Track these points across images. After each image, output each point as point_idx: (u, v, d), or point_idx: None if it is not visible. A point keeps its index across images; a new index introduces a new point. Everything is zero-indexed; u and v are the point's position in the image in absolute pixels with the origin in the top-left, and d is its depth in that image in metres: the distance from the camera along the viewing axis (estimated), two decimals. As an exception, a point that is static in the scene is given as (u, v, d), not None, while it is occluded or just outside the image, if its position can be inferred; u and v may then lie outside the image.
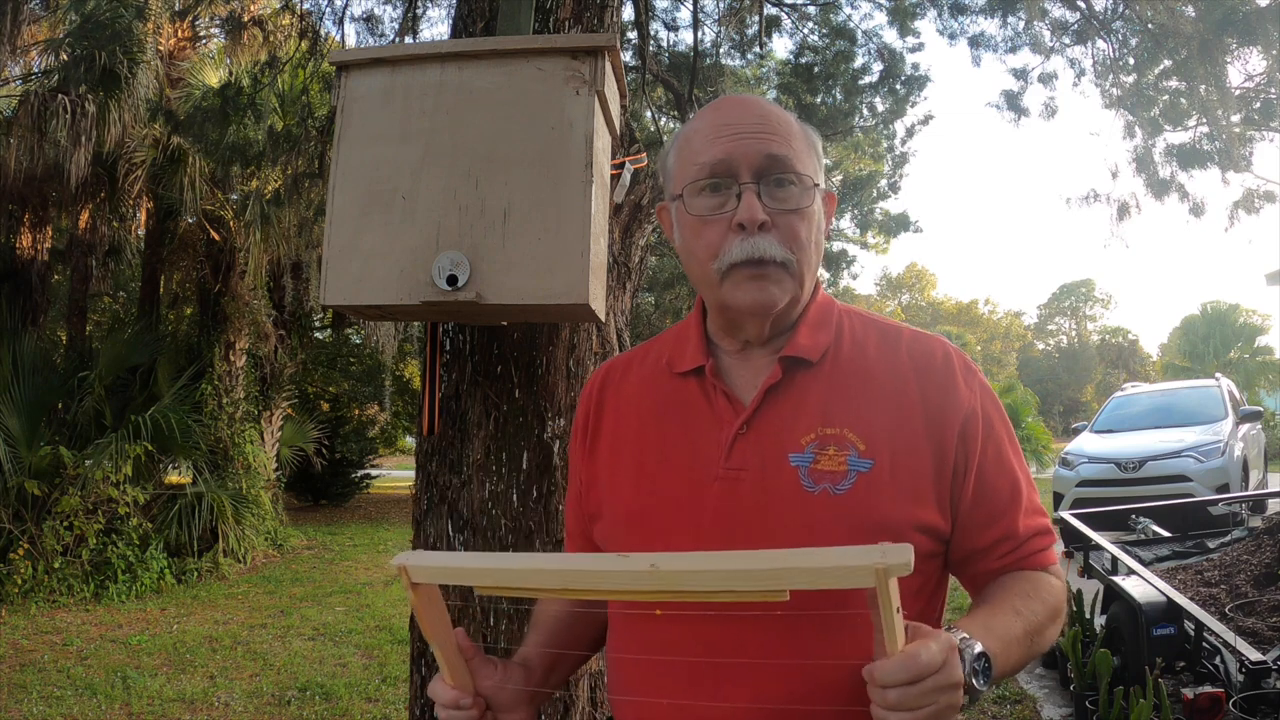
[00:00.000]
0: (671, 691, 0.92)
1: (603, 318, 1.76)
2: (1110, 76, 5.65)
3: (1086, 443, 9.59)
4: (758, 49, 7.88)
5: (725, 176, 0.98)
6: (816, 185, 1.02)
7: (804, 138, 1.03)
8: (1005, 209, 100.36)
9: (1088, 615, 4.18)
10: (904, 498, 0.92)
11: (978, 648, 0.83)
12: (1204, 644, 3.41)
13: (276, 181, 8.46)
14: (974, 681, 0.81)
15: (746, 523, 0.93)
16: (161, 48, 9.21)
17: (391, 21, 6.34)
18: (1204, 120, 5.35)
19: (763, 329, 1.02)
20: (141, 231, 10.43)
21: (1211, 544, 4.68)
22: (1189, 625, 3.44)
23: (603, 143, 1.73)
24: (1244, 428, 9.28)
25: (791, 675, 0.89)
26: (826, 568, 0.72)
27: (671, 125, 8.65)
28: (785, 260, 0.97)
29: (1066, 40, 5.82)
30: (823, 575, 0.72)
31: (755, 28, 7.21)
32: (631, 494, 1.01)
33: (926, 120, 11.05)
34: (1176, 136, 5.68)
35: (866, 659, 0.85)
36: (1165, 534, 5.02)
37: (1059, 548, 1.09)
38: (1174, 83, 5.40)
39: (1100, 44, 5.62)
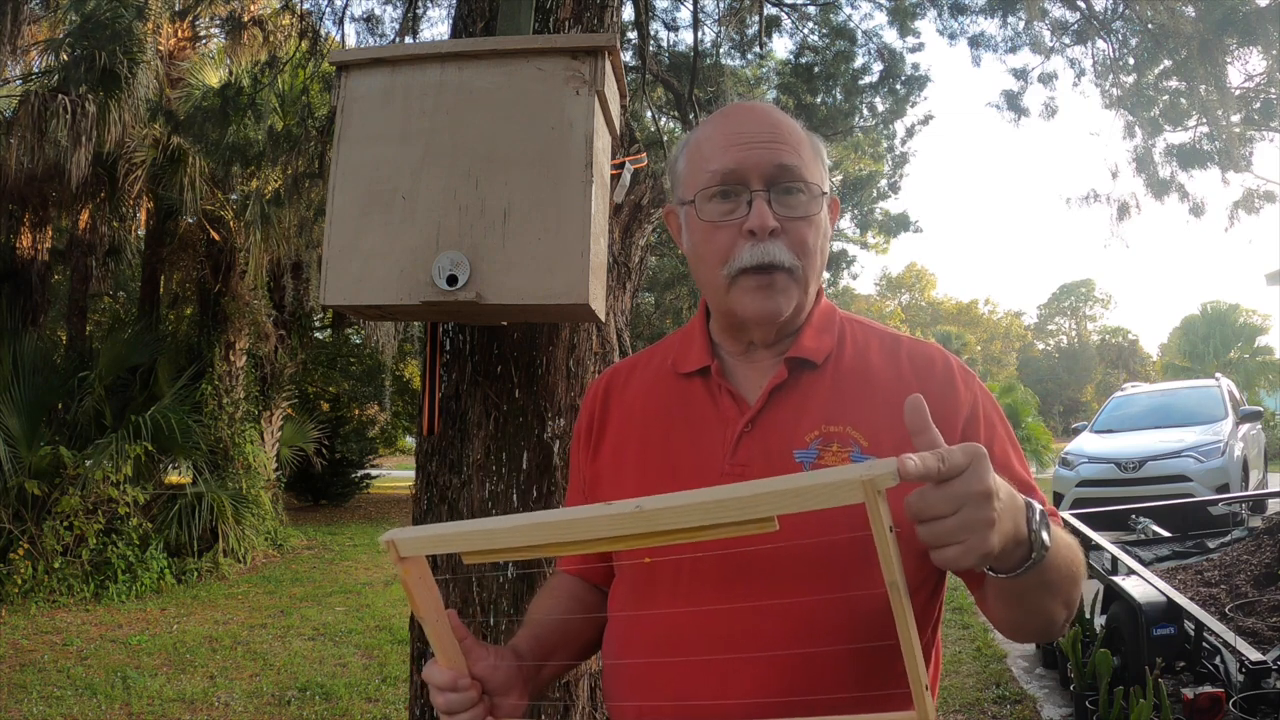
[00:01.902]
0: (676, 687, 0.93)
1: (603, 318, 1.76)
2: (1110, 76, 5.65)
3: (1086, 443, 9.59)
4: (758, 49, 7.89)
5: (737, 184, 1.01)
6: (824, 193, 1.04)
7: (811, 146, 1.06)
8: (1005, 209, 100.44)
9: (1088, 615, 4.18)
10: (906, 493, 0.93)
11: (1039, 505, 0.83)
12: (1204, 644, 3.41)
13: (276, 181, 8.45)
14: (1042, 535, 0.80)
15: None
16: (161, 48, 9.21)
17: (391, 21, 6.35)
18: (1204, 120, 5.35)
19: (769, 335, 1.05)
20: (141, 231, 10.42)
21: (1211, 544, 4.68)
22: (1189, 625, 3.44)
23: (603, 143, 1.73)
24: (1244, 428, 9.28)
25: (796, 667, 0.90)
26: (812, 486, 0.71)
27: (671, 125, 8.65)
28: (793, 266, 1.00)
29: (1066, 40, 5.83)
30: (808, 495, 0.71)
31: (755, 28, 7.22)
32: (635, 491, 1.02)
33: (926, 120, 11.07)
34: (1176, 136, 5.69)
35: (871, 652, 0.85)
36: (1165, 534, 5.02)
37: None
38: (1174, 83, 5.41)
39: (1100, 44, 5.63)
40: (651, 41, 6.59)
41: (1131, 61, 5.51)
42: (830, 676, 0.91)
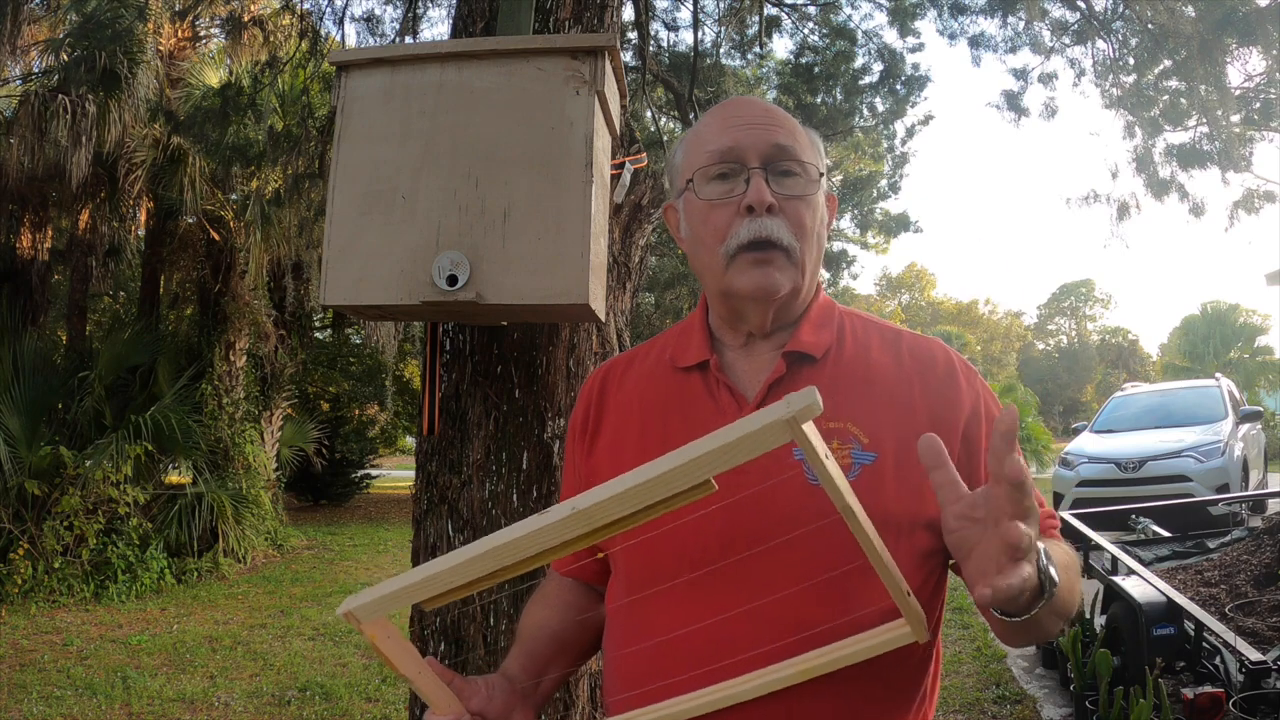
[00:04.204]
0: (675, 682, 0.92)
1: (603, 318, 1.76)
2: (1110, 76, 5.65)
3: (1086, 443, 9.58)
4: (758, 49, 7.89)
5: (734, 163, 1.01)
6: (821, 175, 1.04)
7: (807, 135, 1.06)
8: (1005, 209, 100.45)
9: (1088, 615, 4.18)
10: (907, 492, 0.93)
11: (1040, 544, 0.82)
12: (1204, 644, 3.41)
13: (276, 181, 8.45)
14: (1051, 572, 0.80)
15: (749, 515, 0.92)
16: (162, 48, 9.20)
17: (392, 21, 6.35)
18: (1204, 120, 5.35)
19: (765, 318, 1.03)
20: (141, 231, 10.41)
21: (1211, 544, 4.68)
22: (1189, 625, 3.44)
23: (603, 143, 1.73)
24: (1244, 428, 9.28)
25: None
26: (736, 439, 0.69)
27: (671, 125, 8.65)
28: (790, 245, 0.99)
29: (1066, 40, 5.83)
30: (736, 449, 0.69)
31: (755, 28, 7.22)
32: None
33: (926, 120, 11.09)
34: (1176, 136, 5.69)
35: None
36: (1165, 534, 5.02)
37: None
38: (1174, 83, 5.41)
39: (1100, 44, 5.62)
40: (651, 41, 6.59)
41: (1131, 61, 5.51)
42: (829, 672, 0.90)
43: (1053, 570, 0.80)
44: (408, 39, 5.82)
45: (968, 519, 0.78)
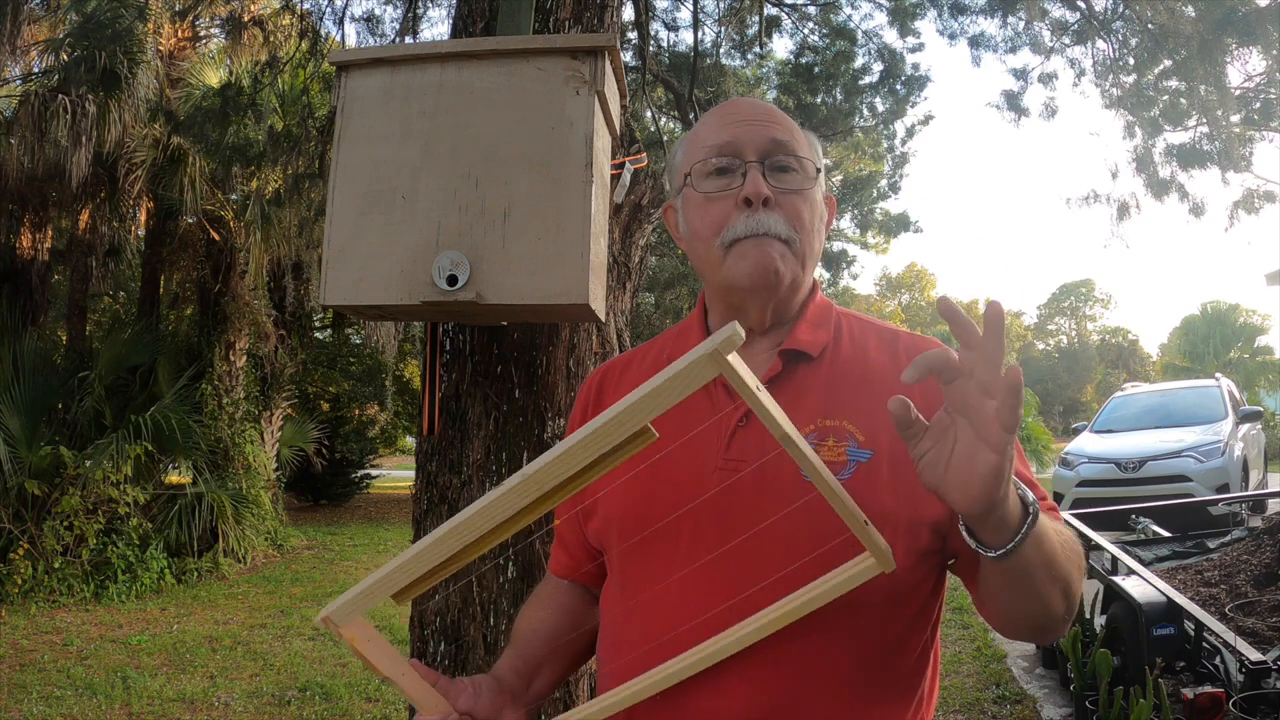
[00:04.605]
0: (670, 690, 0.92)
1: (603, 318, 1.76)
2: (1110, 76, 5.65)
3: (1086, 443, 9.58)
4: (758, 49, 7.89)
5: (732, 157, 1.01)
6: (818, 171, 1.05)
7: (805, 135, 1.07)
8: (1005, 209, 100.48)
9: (1088, 615, 4.18)
10: (904, 490, 0.92)
11: (1021, 483, 0.81)
12: (1204, 644, 3.41)
13: (276, 181, 8.45)
14: (1027, 495, 0.79)
15: (745, 513, 0.92)
16: (162, 48, 9.20)
17: (392, 21, 6.35)
18: (1204, 120, 5.35)
19: (764, 311, 1.03)
20: (141, 231, 10.41)
21: (1211, 544, 4.68)
22: (1189, 625, 3.44)
23: (603, 143, 1.73)
24: (1244, 428, 9.28)
25: (788, 670, 0.89)
26: (669, 379, 0.70)
27: (671, 125, 8.64)
28: (789, 237, 1.00)
29: (1066, 40, 5.83)
30: (667, 391, 0.70)
31: (755, 28, 7.21)
32: (628, 486, 1.01)
33: (926, 120, 11.08)
34: (1176, 136, 5.69)
35: (865, 654, 0.84)
36: (1165, 534, 5.02)
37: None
38: (1174, 83, 5.41)
39: (1100, 44, 5.62)
40: (651, 41, 6.59)
41: (1131, 61, 5.51)
42: (826, 670, 0.90)
43: (1029, 495, 0.79)
44: (408, 39, 5.82)
45: (940, 432, 0.77)
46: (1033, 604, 0.87)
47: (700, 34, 6.91)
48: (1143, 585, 3.71)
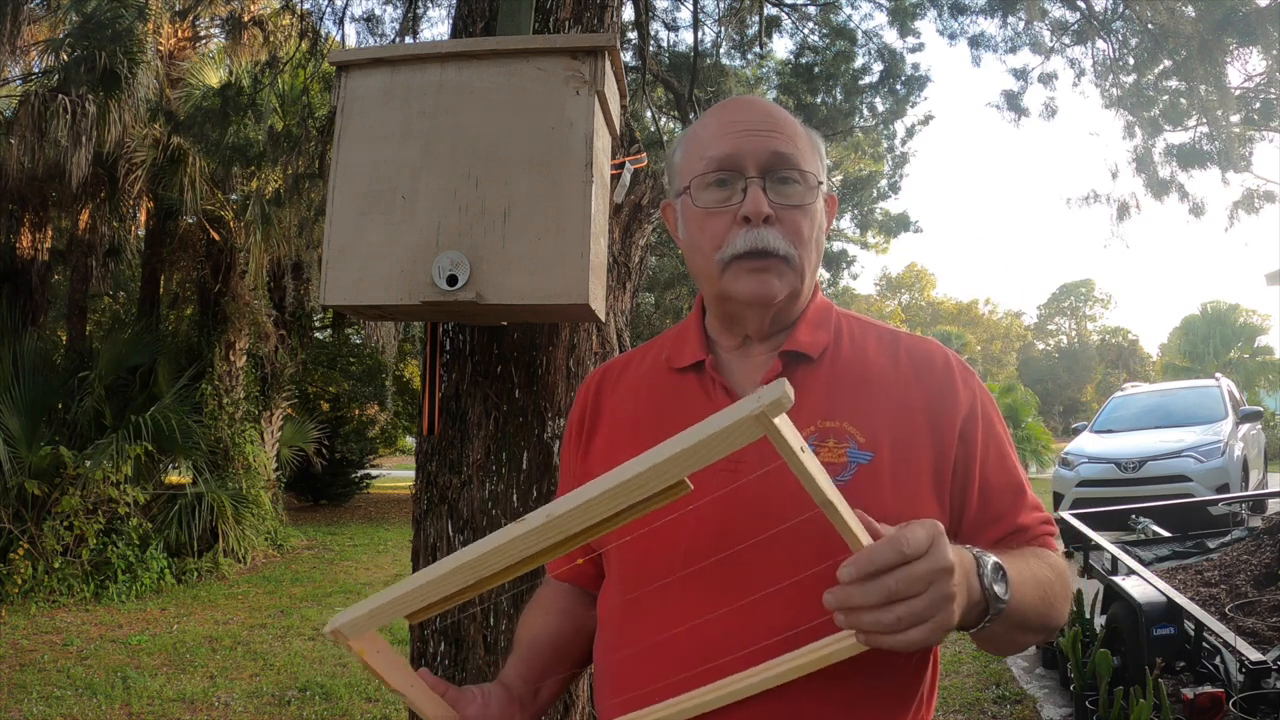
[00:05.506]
0: (664, 687, 0.92)
1: (603, 318, 1.76)
2: (1110, 76, 5.65)
3: (1086, 443, 9.58)
4: (758, 49, 7.89)
5: (732, 171, 1.00)
6: (820, 183, 1.03)
7: (808, 139, 1.05)
8: (1005, 209, 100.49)
9: (1088, 615, 4.18)
10: (904, 491, 0.92)
11: (991, 558, 0.83)
12: (1204, 644, 3.41)
13: (276, 181, 8.45)
14: (995, 589, 0.81)
15: (745, 515, 0.92)
16: (162, 48, 9.20)
17: (392, 21, 6.35)
18: (1204, 120, 5.35)
19: (763, 323, 1.03)
20: (141, 231, 10.42)
21: (1211, 544, 4.68)
22: (1189, 625, 3.44)
23: (603, 143, 1.73)
24: (1244, 428, 9.28)
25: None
26: (710, 436, 0.67)
27: (671, 125, 8.65)
28: (788, 254, 0.99)
29: (1066, 40, 5.83)
30: (709, 447, 0.67)
31: (755, 28, 7.22)
32: None
33: (926, 120, 11.09)
34: (1176, 136, 5.70)
35: (864, 655, 0.83)
36: (1165, 534, 5.02)
37: (1059, 547, 1.10)
38: (1174, 83, 5.41)
39: (1100, 44, 5.62)
40: (651, 41, 6.59)
41: (1131, 61, 5.51)
42: (824, 671, 0.90)
43: (997, 588, 0.81)
44: (408, 39, 5.82)
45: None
46: (1013, 647, 0.94)
47: (700, 34, 6.92)
48: (1143, 585, 3.71)
